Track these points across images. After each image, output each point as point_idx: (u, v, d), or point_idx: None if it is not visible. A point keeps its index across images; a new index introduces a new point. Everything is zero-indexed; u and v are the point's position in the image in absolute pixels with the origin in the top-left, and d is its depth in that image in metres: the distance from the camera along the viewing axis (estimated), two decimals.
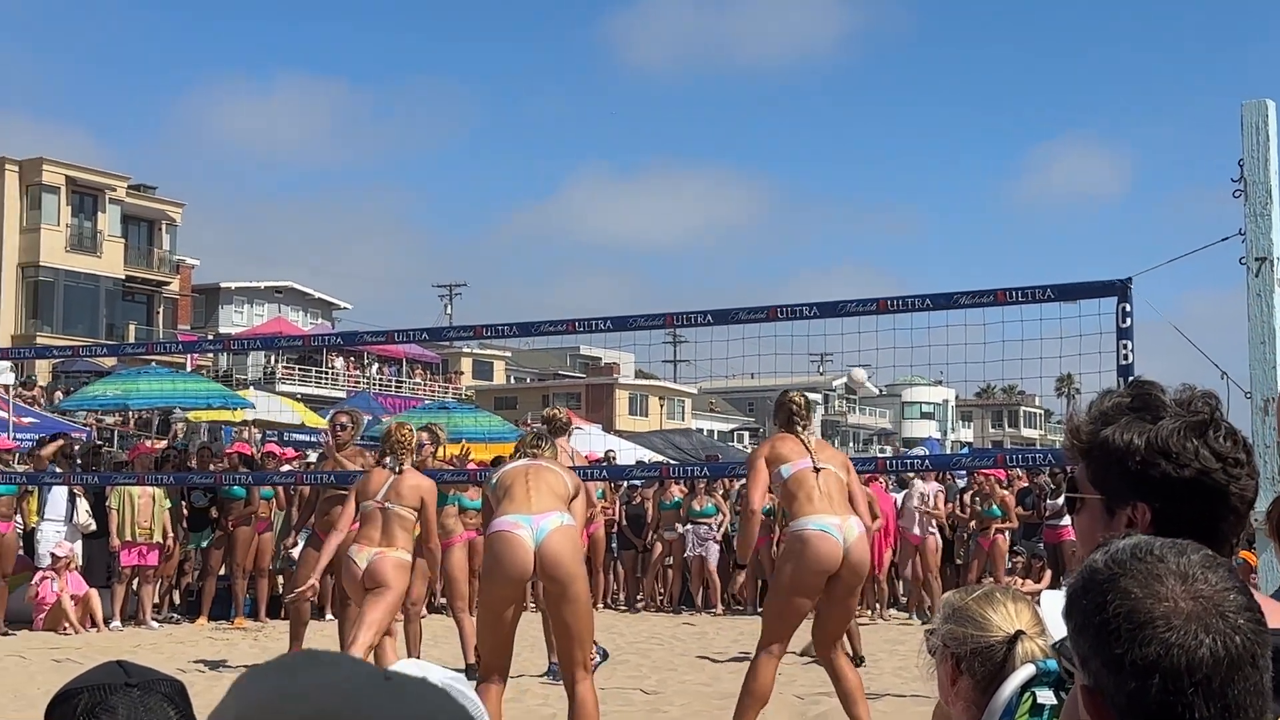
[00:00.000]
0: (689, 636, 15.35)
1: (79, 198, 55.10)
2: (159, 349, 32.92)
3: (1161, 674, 1.67)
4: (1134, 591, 1.71)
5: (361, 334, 25.17)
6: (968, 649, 3.07)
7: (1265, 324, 8.20)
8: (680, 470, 19.69)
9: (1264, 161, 8.34)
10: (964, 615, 3.11)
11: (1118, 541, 1.83)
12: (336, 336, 39.26)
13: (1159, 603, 1.70)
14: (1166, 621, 1.68)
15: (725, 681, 11.32)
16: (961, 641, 3.08)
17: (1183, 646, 1.67)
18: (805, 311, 10.78)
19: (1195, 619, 1.68)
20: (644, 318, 12.28)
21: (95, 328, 51.73)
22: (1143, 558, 1.75)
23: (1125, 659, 1.69)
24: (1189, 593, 1.70)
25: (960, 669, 3.10)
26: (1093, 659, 1.74)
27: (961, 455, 26.89)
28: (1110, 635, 1.70)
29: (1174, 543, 1.80)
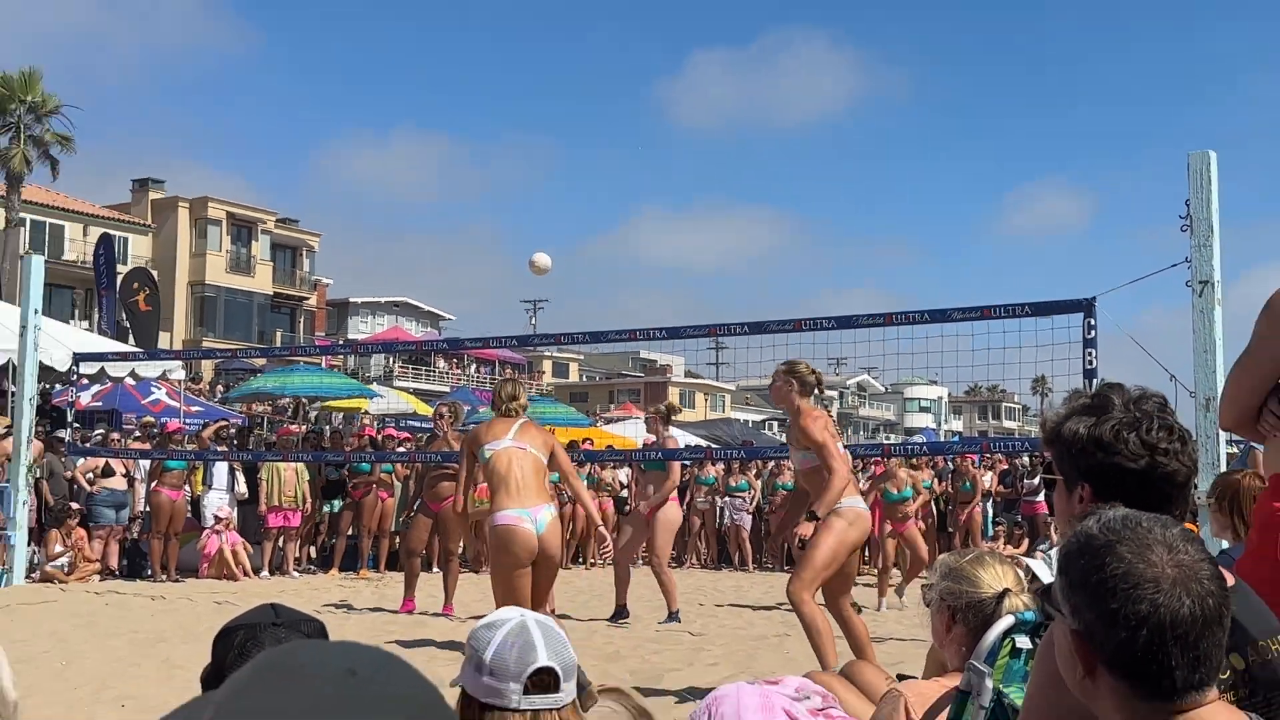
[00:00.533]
0: (728, 589, 15.33)
1: (237, 229, 55.55)
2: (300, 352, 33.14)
3: (1149, 627, 1.68)
4: (1128, 556, 1.71)
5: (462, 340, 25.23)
6: (963, 602, 3.06)
7: (1207, 336, 8.15)
8: (721, 453, 19.67)
9: (1207, 201, 8.29)
10: (959, 574, 3.11)
11: (1107, 512, 1.83)
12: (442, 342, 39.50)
13: (1149, 567, 1.70)
14: (1156, 584, 1.69)
15: (758, 626, 11.33)
16: (958, 596, 3.08)
17: (1168, 606, 1.68)
18: (824, 323, 10.80)
19: (1179, 583, 1.69)
20: (692, 328, 12.33)
21: (249, 334, 52.18)
22: (1134, 528, 1.75)
23: (1119, 613, 1.69)
24: (1173, 561, 1.71)
25: (955, 619, 3.10)
26: (1086, 611, 1.74)
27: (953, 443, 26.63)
28: (1106, 592, 1.71)
29: (1157, 517, 1.81)
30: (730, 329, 11.43)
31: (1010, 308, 9.57)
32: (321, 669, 1.16)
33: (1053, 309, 9.41)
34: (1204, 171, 8.32)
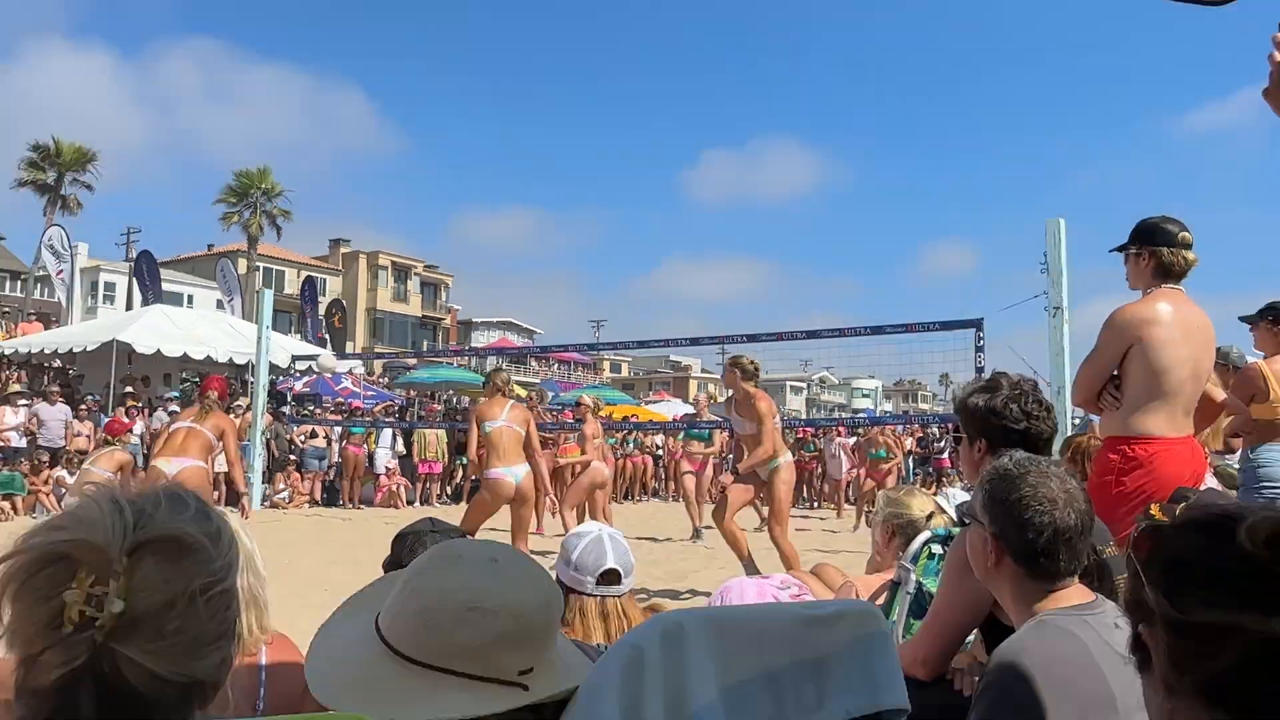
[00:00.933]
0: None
1: (398, 271, 55.86)
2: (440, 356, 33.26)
3: (1049, 532, 1.70)
4: (1034, 483, 1.73)
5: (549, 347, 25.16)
6: (902, 521, 3.06)
7: (1058, 344, 8.12)
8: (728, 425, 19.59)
9: (1058, 253, 8.26)
10: (899, 504, 3.12)
11: (1018, 453, 1.85)
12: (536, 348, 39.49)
13: (1049, 491, 1.72)
14: (1054, 503, 1.71)
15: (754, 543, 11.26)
16: (899, 518, 3.08)
17: (1062, 518, 1.70)
18: (799, 335, 10.80)
19: (1066, 504, 1.71)
20: (707, 339, 12.39)
21: (405, 343, 52.34)
22: (1036, 465, 1.77)
23: (1029, 521, 1.71)
24: (1063, 488, 1.73)
25: (894, 534, 3.09)
26: (1002, 519, 1.75)
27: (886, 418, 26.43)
28: (1021, 507, 1.72)
29: (1049, 459, 1.83)
30: (734, 339, 11.39)
31: (925, 324, 9.53)
32: (473, 557, 1.20)
33: (954, 325, 9.35)
34: (1056, 232, 8.30)
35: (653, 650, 1.15)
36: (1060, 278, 8.19)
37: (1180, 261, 3.25)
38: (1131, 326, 3.17)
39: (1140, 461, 3.09)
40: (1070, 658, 1.58)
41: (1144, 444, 3.11)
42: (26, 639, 0.88)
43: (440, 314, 58.60)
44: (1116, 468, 3.11)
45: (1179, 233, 3.26)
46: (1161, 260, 3.25)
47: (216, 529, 0.98)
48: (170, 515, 0.94)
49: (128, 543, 0.89)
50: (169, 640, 0.90)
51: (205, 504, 1.01)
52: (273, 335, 14.39)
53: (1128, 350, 3.18)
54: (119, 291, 38.73)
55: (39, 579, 0.88)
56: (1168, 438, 3.12)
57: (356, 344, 49.00)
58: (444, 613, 1.13)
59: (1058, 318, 8.13)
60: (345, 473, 15.11)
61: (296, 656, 1.97)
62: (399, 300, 55.30)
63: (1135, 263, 3.32)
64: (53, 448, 13.57)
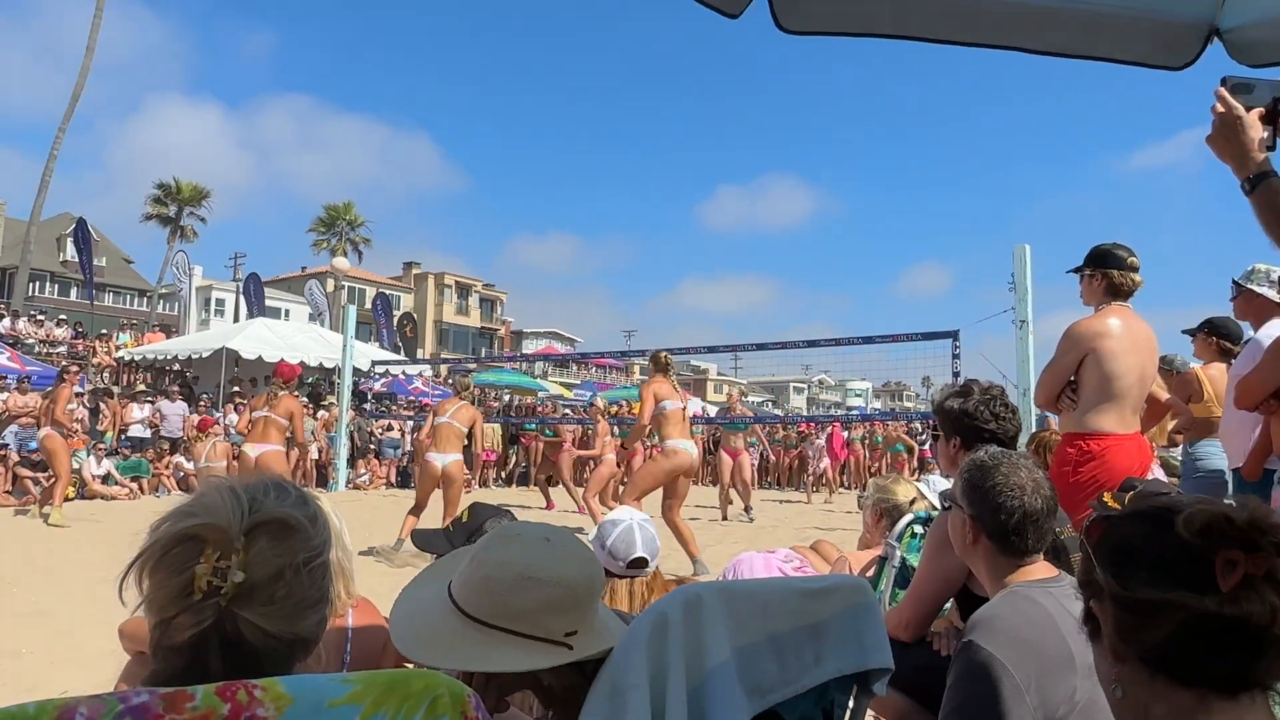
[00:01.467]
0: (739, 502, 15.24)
1: (460, 289, 56.18)
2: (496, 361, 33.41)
3: (1017, 515, 1.69)
4: (1006, 472, 1.72)
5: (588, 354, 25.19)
6: (889, 505, 3.05)
7: (1024, 353, 8.03)
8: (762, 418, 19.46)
9: (1024, 274, 8.16)
10: (886, 490, 3.10)
11: (991, 448, 1.85)
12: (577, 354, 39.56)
13: (1019, 480, 1.71)
14: (1022, 490, 1.70)
15: (758, 522, 11.22)
16: (886, 502, 3.06)
17: (1030, 502, 1.69)
18: (800, 344, 10.77)
19: (1034, 491, 1.71)
20: (724, 347, 12.34)
21: (467, 350, 52.74)
22: (1007, 458, 1.76)
23: (1002, 505, 1.70)
24: (1030, 477, 1.72)
25: (881, 516, 3.08)
26: (978, 503, 1.74)
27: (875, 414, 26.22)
28: (995, 492, 1.71)
29: (1020, 453, 1.82)
30: (745, 348, 11.36)
31: (909, 335, 9.46)
32: (529, 535, 1.22)
33: (934, 336, 9.28)
34: (1022, 256, 8.20)
35: (675, 616, 1.17)
36: (1026, 296, 8.12)
37: (1128, 282, 3.23)
38: (1086, 338, 3.15)
39: (1094, 455, 3.05)
40: (1036, 622, 1.57)
41: (1097, 439, 3.08)
42: (162, 605, 0.92)
43: (496, 325, 58.84)
44: (1073, 460, 3.08)
45: (1128, 258, 3.24)
46: (1112, 281, 3.22)
47: (314, 512, 1.01)
48: (278, 500, 0.98)
49: (245, 524, 0.93)
50: (278, 605, 0.94)
51: (303, 491, 1.04)
52: (355, 343, 14.55)
53: (1083, 359, 3.15)
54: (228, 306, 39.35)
55: (173, 555, 0.92)
56: (1118, 434, 3.08)
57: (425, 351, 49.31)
58: (503, 581, 1.16)
59: (1023, 330, 8.07)
60: (416, 459, 15.19)
61: (378, 619, 2.00)
62: (461, 314, 55.61)
63: (1089, 283, 3.29)
64: (172, 438, 13.79)
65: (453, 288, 55.37)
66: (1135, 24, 1.59)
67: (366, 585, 2.21)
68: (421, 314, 51.25)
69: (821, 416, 16.98)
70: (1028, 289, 8.13)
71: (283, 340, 18.18)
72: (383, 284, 50.95)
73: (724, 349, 12.51)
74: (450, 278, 55.25)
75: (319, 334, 20.23)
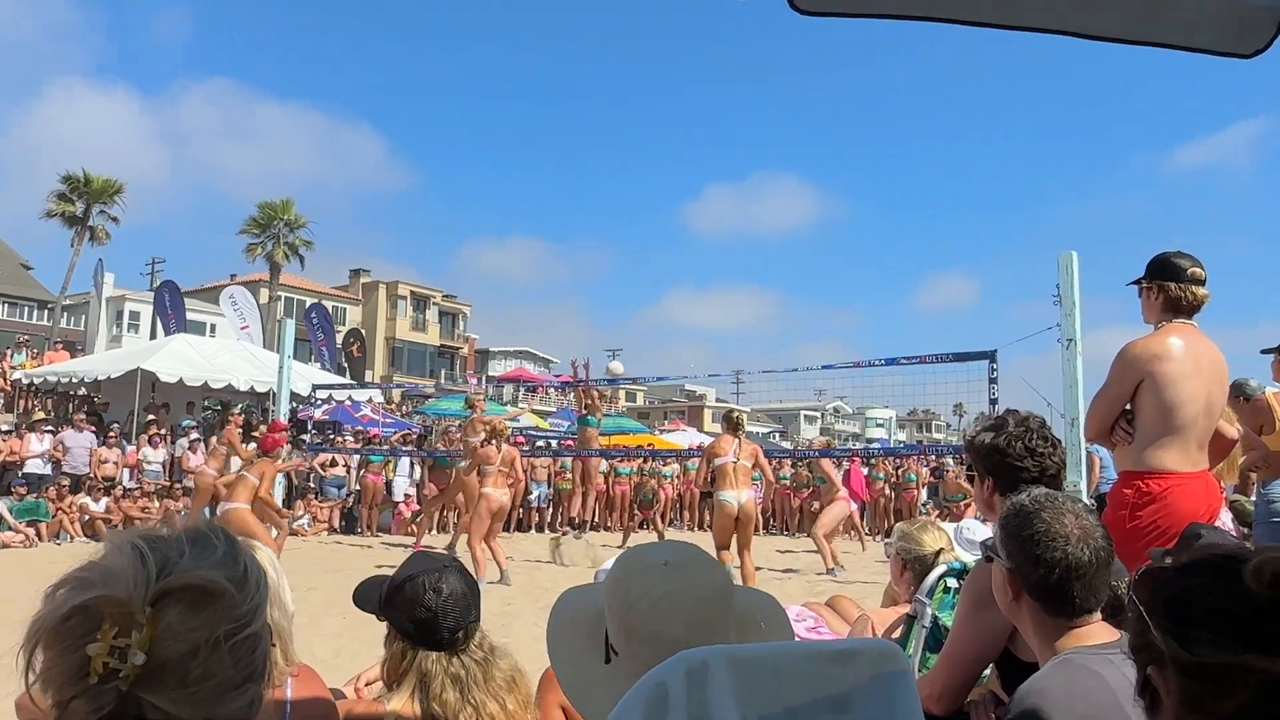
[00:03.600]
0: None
1: (416, 301, 55.97)
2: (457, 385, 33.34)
3: (1060, 569, 1.69)
4: (1048, 519, 1.72)
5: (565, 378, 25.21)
6: (912, 556, 3.05)
7: (1071, 376, 8.07)
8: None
9: (1070, 285, 8.22)
10: (910, 537, 3.10)
11: (1035, 490, 1.85)
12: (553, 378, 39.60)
13: (1062, 528, 1.71)
14: (1066, 539, 1.70)
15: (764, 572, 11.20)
16: (908, 552, 3.07)
17: (1074, 554, 1.69)
18: (812, 367, 10.83)
19: (1081, 540, 1.70)
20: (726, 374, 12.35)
21: (424, 372, 52.49)
22: (1052, 501, 1.76)
23: (1042, 557, 1.70)
24: (1078, 524, 1.72)
25: (905, 567, 3.08)
26: (1018, 555, 1.74)
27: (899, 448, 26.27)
28: (1034, 543, 1.71)
29: (1067, 495, 1.82)
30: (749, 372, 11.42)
31: (939, 356, 9.53)
32: (651, 562, 1.35)
33: (968, 357, 9.34)
34: (1069, 266, 8.28)
35: (677, 687, 1.16)
36: (1073, 310, 8.15)
37: (1188, 296, 3.23)
38: (1142, 361, 3.16)
39: (1154, 496, 3.07)
40: (1093, 696, 1.55)
41: (1157, 479, 3.10)
42: (57, 686, 0.90)
43: (458, 343, 58.67)
44: (1130, 503, 3.10)
45: (1189, 268, 3.24)
46: (1169, 295, 3.24)
47: (243, 572, 0.98)
48: (194, 561, 0.95)
49: (150, 593, 0.91)
50: (194, 687, 0.91)
51: (234, 544, 1.01)
52: (294, 364, 14.48)
53: (1139, 385, 3.16)
54: (143, 320, 39.12)
55: (65, 631, 0.90)
56: (1181, 472, 3.10)
57: (375, 372, 49.13)
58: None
59: (1070, 350, 8.09)
60: (364, 500, 15.11)
61: (320, 689, 1.98)
62: (417, 329, 55.41)
63: (1147, 297, 3.31)
64: (76, 474, 13.66)
65: (408, 299, 55.28)
66: (1202, 5, 1.61)
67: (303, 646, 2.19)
68: (371, 329, 51.11)
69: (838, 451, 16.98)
70: (1075, 302, 8.18)
71: (208, 360, 18.09)
72: (327, 295, 50.83)
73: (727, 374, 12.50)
74: (404, 287, 55.20)
75: (250, 353, 20.13)
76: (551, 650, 1.50)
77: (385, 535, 14.68)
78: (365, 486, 15.04)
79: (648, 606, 1.31)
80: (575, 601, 1.52)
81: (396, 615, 2.04)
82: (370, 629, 6.55)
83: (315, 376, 19.70)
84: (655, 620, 1.30)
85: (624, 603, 1.34)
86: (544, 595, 8.45)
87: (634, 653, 1.33)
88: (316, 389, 17.68)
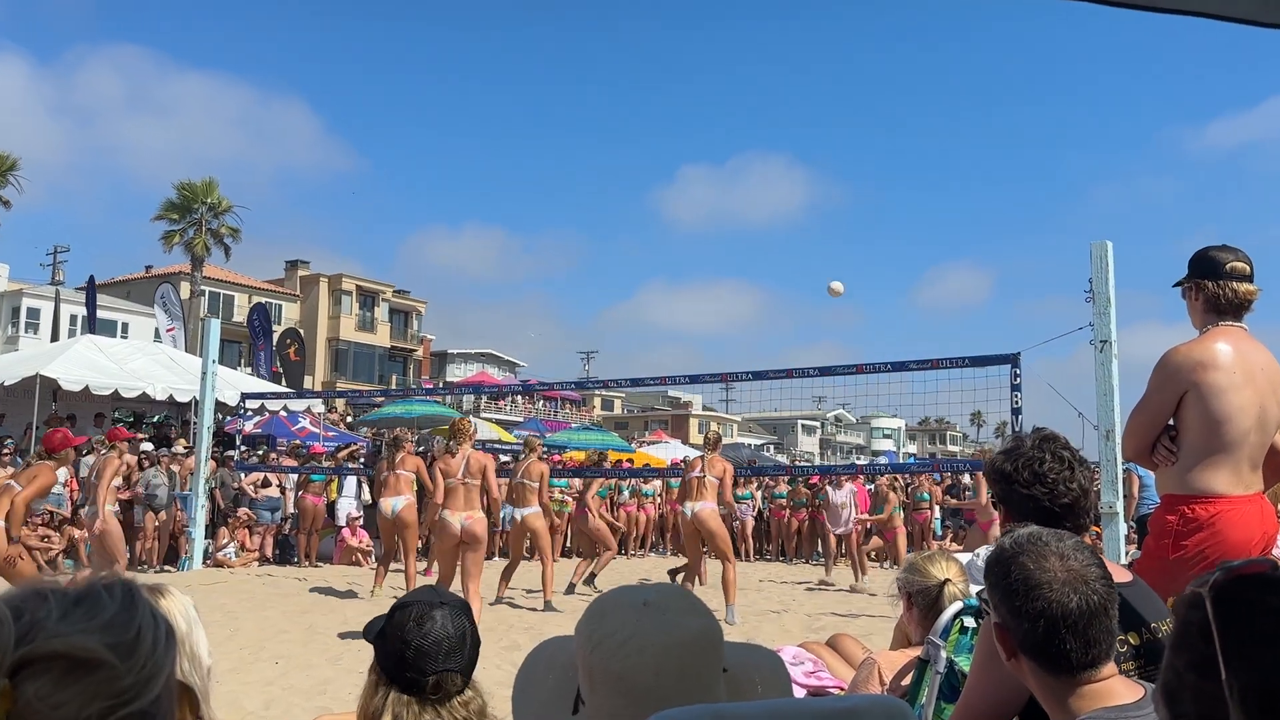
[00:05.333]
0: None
1: (363, 297, 55.67)
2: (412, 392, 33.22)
3: (1046, 619, 1.68)
4: (1028, 565, 1.71)
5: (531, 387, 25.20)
6: (914, 589, 3.06)
7: (1107, 382, 8.10)
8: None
9: (1105, 279, 8.26)
10: (914, 568, 3.11)
11: (1019, 530, 1.83)
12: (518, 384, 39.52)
13: (1044, 573, 1.70)
14: (1049, 586, 1.69)
15: (759, 604, 11.24)
16: (911, 584, 3.08)
17: (1060, 602, 1.68)
18: (810, 371, 10.84)
19: (1068, 584, 1.69)
20: (709, 375, 12.37)
21: (372, 378, 52.20)
22: (1034, 542, 1.75)
23: (1022, 609, 1.69)
24: (1064, 567, 1.71)
25: (910, 601, 3.09)
26: (1001, 607, 1.74)
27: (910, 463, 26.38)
28: (1012, 593, 1.71)
29: (1055, 532, 1.80)
30: (739, 376, 11.38)
31: (954, 359, 9.56)
32: (628, 601, 1.37)
33: (987, 361, 9.39)
34: (1103, 257, 8.30)
35: None
36: (1108, 308, 8.19)
37: (1229, 294, 3.22)
38: (1185, 370, 3.16)
39: (1201, 523, 3.07)
40: None
41: (1204, 504, 3.10)
42: None
43: (411, 344, 58.48)
44: (1174, 530, 3.10)
45: (1229, 262, 3.22)
46: (1208, 294, 3.24)
47: (134, 637, 0.93)
48: (69, 624, 0.91)
49: (7, 662, 0.86)
50: None
51: (132, 602, 0.96)
52: (219, 370, 14.37)
53: (1182, 397, 3.16)
54: (44, 319, 38.70)
55: None
56: (1232, 495, 3.10)
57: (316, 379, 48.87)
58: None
59: (1105, 352, 8.13)
60: (301, 525, 14.99)
61: None
62: (365, 329, 55.18)
63: (1188, 297, 3.32)
64: None
65: (353, 295, 55.03)
66: None
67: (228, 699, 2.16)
68: (311, 329, 50.86)
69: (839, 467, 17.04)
70: (1110, 298, 8.22)
71: (118, 365, 17.92)
72: (259, 289, 50.59)
73: (712, 378, 12.42)
74: (349, 282, 54.92)
75: (169, 357, 19.99)
76: (516, 700, 1.52)
77: (326, 565, 14.58)
78: (303, 510, 14.90)
79: (614, 646, 1.32)
80: (554, 648, 1.54)
81: (380, 642, 2.08)
82: (306, 675, 6.51)
83: (245, 384, 19.57)
84: (620, 662, 1.31)
85: (590, 639, 1.35)
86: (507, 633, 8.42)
87: (598, 702, 1.33)
88: (246, 398, 17.54)
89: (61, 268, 44.71)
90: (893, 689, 3.00)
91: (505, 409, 56.05)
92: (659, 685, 1.29)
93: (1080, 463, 2.38)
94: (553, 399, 59.86)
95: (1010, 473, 2.33)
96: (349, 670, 6.60)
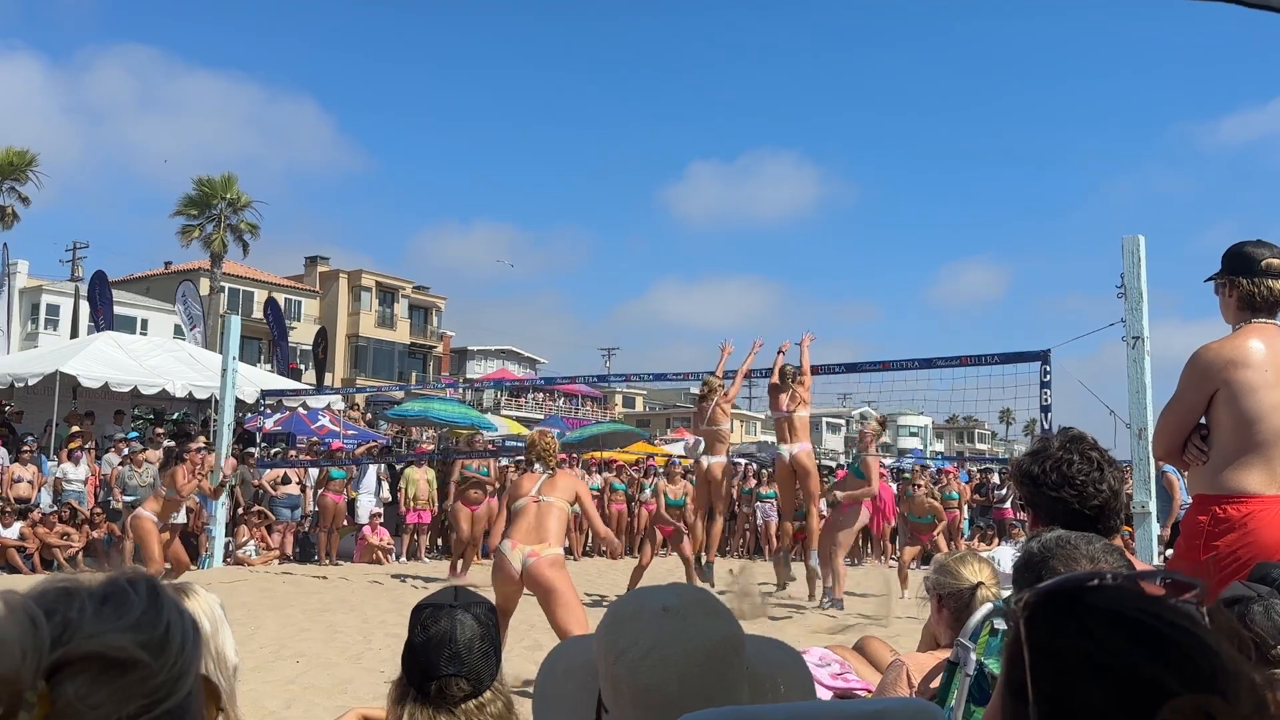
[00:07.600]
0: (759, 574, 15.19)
1: (383, 294, 55.88)
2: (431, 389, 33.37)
3: None
4: (1058, 568, 1.72)
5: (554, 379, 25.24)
6: (947, 591, 3.06)
7: (1139, 380, 8.06)
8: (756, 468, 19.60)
9: (1137, 274, 8.22)
10: (946, 570, 3.11)
11: (1046, 534, 1.83)
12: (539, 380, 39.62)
13: None
14: None
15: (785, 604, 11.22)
16: (942, 586, 3.08)
17: None
18: (836, 369, 10.83)
19: None
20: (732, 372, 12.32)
21: (392, 375, 52.25)
22: (1063, 545, 1.76)
23: None
24: (1094, 570, 1.71)
25: (941, 604, 3.09)
26: None
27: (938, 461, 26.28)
28: None
29: (1084, 535, 1.81)
30: (763, 373, 11.37)
31: (983, 356, 9.56)
32: (647, 607, 1.37)
33: (1016, 358, 9.38)
34: (1135, 251, 8.28)
35: None
36: (1140, 303, 8.16)
37: (1264, 291, 3.22)
38: (1215, 368, 3.16)
39: (1233, 523, 3.07)
40: None
41: (1237, 504, 3.09)
42: None
43: (431, 341, 58.62)
44: (1205, 531, 3.10)
45: (1264, 258, 3.23)
46: (1243, 291, 3.24)
47: (163, 633, 0.94)
48: (101, 623, 0.91)
49: (46, 663, 0.87)
50: None
51: (157, 599, 0.97)
52: (239, 366, 14.47)
53: (1213, 395, 3.16)
54: (63, 316, 39.08)
55: None
56: (1265, 495, 3.10)
57: (335, 376, 49.05)
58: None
59: (1138, 349, 8.10)
60: (322, 523, 15.08)
61: None
62: (385, 326, 55.35)
63: (1222, 294, 3.32)
64: None
65: (373, 291, 55.22)
66: None
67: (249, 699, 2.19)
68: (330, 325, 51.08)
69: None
70: (1142, 294, 8.18)
71: (138, 362, 18.07)
72: (278, 286, 50.82)
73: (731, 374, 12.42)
74: (369, 278, 55.13)
75: (188, 353, 20.13)
76: (536, 710, 1.51)
77: (346, 563, 14.67)
78: (324, 507, 14.99)
79: (636, 658, 1.31)
80: (572, 651, 1.53)
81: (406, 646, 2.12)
82: (327, 674, 6.56)
83: (265, 381, 19.69)
84: (644, 672, 1.30)
85: (612, 651, 1.34)
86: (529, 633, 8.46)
87: (622, 711, 1.33)
88: (265, 395, 17.67)
89: (80, 264, 45.04)
90: (921, 691, 3.00)
91: (525, 406, 56.17)
92: (683, 694, 1.29)
93: (1110, 463, 2.37)
94: (573, 395, 59.92)
95: (1038, 475, 2.33)
96: (370, 669, 6.66)
